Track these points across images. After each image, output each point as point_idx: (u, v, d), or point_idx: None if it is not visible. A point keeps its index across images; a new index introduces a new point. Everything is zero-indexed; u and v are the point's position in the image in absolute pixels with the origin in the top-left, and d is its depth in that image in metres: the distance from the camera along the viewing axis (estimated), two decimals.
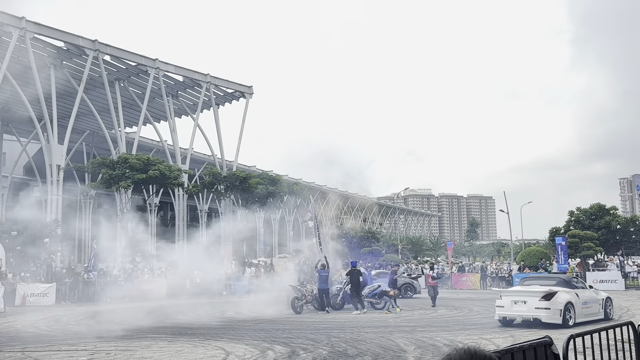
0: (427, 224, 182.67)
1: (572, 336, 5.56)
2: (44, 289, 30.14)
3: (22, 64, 44.30)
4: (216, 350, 13.09)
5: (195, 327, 18.15)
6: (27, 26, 40.66)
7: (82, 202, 49.15)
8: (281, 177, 53.34)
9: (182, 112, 59.69)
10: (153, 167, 43.19)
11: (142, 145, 56.32)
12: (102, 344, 14.48)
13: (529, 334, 14.00)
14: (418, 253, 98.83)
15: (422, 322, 18.60)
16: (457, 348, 1.88)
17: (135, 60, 49.54)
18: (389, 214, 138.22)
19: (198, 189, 53.13)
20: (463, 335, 14.70)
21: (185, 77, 54.77)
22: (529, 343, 4.56)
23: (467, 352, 1.84)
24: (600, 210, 46.15)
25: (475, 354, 1.83)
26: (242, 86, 59.55)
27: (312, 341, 14.28)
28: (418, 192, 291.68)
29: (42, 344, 14.80)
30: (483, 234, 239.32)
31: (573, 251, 42.02)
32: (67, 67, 47.04)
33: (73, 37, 44.20)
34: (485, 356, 1.83)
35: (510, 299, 16.75)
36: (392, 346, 13.14)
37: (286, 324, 18.87)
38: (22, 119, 52.14)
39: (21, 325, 19.53)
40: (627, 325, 6.63)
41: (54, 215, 40.69)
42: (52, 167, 43.17)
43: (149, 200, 54.24)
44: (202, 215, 64.68)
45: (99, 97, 50.15)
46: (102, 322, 20.49)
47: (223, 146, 59.53)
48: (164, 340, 15.08)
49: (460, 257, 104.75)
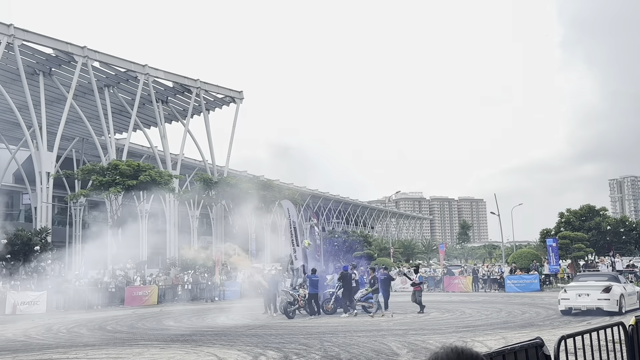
0: (419, 227, 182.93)
1: (564, 337, 5.58)
2: (35, 297, 29.93)
3: (10, 71, 44.10)
4: (208, 356, 13.04)
5: (188, 334, 18.09)
6: (16, 33, 40.48)
7: (72, 210, 48.95)
8: (272, 182, 53.28)
9: (172, 118, 59.54)
10: (144, 172, 43.04)
11: (132, 151, 56.11)
12: (94, 352, 14.40)
13: (521, 335, 14.04)
14: (410, 256, 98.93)
15: (414, 325, 18.61)
16: (444, 346, 1.87)
17: (124, 67, 49.40)
18: (381, 217, 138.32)
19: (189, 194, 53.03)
20: (455, 338, 14.72)
21: (175, 83, 54.66)
22: (520, 345, 4.58)
23: (454, 350, 1.84)
24: (590, 212, 46.44)
25: (462, 352, 1.83)
26: (232, 91, 59.50)
27: (304, 346, 14.25)
28: (409, 195, 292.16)
29: (34, 352, 14.70)
30: (474, 237, 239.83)
31: (564, 252, 42.24)
32: (56, 74, 46.83)
33: (62, 44, 44.02)
34: (472, 355, 1.83)
35: (575, 292, 19.88)
36: (384, 349, 13.14)
37: (279, 329, 18.84)
38: (11, 126, 51.88)
39: (12, 334, 19.38)
40: (617, 325, 6.66)
41: (44, 223, 40.43)
42: (41, 175, 42.92)
43: (140, 207, 54.00)
44: (192, 220, 64.49)
45: (88, 103, 49.96)
46: (94, 329, 20.38)
47: (214, 151, 59.50)
48: (155, 347, 15.01)
49: (452, 260, 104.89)
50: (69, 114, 45.97)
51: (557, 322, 18.21)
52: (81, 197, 47.95)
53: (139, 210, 52.39)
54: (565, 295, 20.16)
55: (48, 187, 42.99)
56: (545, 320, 18.97)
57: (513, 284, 36.84)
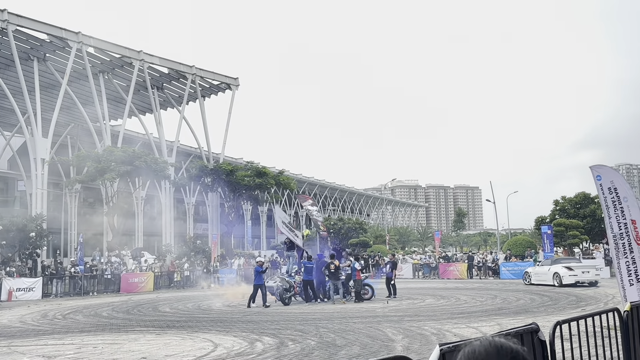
0: (415, 215, 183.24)
1: (559, 323, 5.58)
2: (30, 284, 29.95)
3: (4, 57, 43.77)
4: (204, 342, 13.06)
5: (184, 320, 18.12)
6: (10, 18, 40.11)
7: (67, 196, 48.83)
8: (267, 169, 53.17)
9: (168, 105, 59.28)
10: (139, 159, 42.92)
11: (128, 138, 55.83)
12: (89, 338, 14.40)
13: (516, 321, 14.10)
14: (406, 244, 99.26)
15: (409, 311, 18.68)
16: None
17: (119, 53, 49.08)
18: (377, 205, 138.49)
19: (185, 181, 52.94)
20: (450, 324, 14.77)
21: (171, 69, 54.36)
22: (515, 330, 4.58)
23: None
24: (585, 199, 46.49)
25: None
26: (228, 78, 59.23)
27: (300, 332, 14.29)
28: (405, 183, 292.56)
29: (29, 338, 14.71)
30: (470, 224, 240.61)
31: (559, 240, 42.35)
32: (51, 60, 46.51)
33: (56, 29, 43.66)
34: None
35: (580, 270, 27.66)
36: (380, 336, 13.18)
37: (274, 315, 18.87)
38: (5, 112, 51.57)
39: (7, 320, 19.39)
40: (613, 311, 6.68)
41: (39, 209, 40.34)
42: (36, 161, 42.74)
43: (135, 194, 53.93)
44: (189, 208, 64.50)
45: (83, 89, 49.65)
46: (89, 316, 20.39)
47: (209, 138, 59.33)
48: (151, 333, 15.03)
49: (448, 247, 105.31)
50: (64, 100, 45.70)
51: (551, 308, 18.30)
52: (76, 184, 47.83)
53: (134, 197, 52.32)
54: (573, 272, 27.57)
55: (43, 174, 42.83)
56: (540, 306, 19.06)
57: (508, 271, 37.00)
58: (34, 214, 38.66)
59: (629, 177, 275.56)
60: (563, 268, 27.80)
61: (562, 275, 27.47)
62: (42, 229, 36.67)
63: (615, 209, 10.17)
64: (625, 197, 10.15)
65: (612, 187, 10.24)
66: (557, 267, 28.27)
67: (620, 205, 10.14)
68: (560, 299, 21.46)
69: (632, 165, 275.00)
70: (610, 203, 10.22)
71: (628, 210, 10.09)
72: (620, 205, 10.14)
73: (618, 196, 10.17)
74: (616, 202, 10.17)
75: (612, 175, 10.42)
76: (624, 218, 10.07)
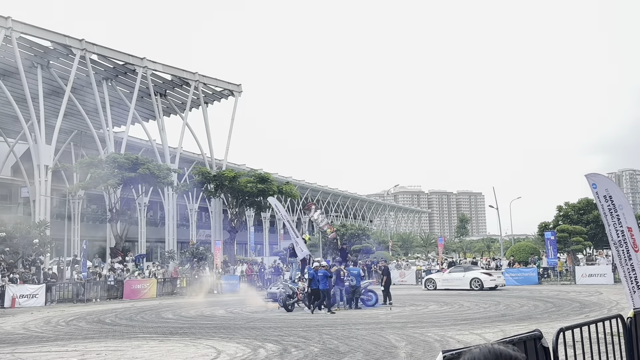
0: (417, 221, 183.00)
1: (562, 329, 5.58)
2: (34, 290, 29.96)
3: (8, 64, 43.93)
4: (207, 349, 13.05)
5: (187, 327, 18.11)
6: (14, 26, 40.28)
7: (70, 203, 48.89)
8: (270, 175, 53.21)
9: (171, 111, 59.38)
10: (142, 166, 42.98)
11: (131, 144, 55.92)
12: (93, 345, 14.41)
13: (519, 328, 14.07)
14: (409, 250, 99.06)
15: (413, 318, 18.65)
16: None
17: (122, 60, 49.21)
18: (379, 210, 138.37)
19: (188, 187, 52.97)
20: (454, 331, 14.74)
21: (174, 76, 54.48)
22: (518, 337, 4.58)
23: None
24: (589, 205, 46.32)
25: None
26: (231, 84, 59.33)
27: (303, 339, 14.28)
28: (408, 189, 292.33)
29: (33, 345, 14.72)
30: (473, 230, 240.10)
31: (562, 246, 42.23)
32: (54, 67, 46.67)
33: (60, 37, 43.84)
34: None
35: (496, 275, 34.21)
36: (383, 342, 13.16)
37: (277, 322, 18.86)
38: (9, 119, 51.71)
39: (11, 327, 19.40)
40: (616, 318, 6.67)
41: (42, 216, 40.40)
42: (40, 168, 42.83)
43: (138, 200, 53.99)
44: (192, 214, 64.55)
45: (86, 96, 49.79)
46: (93, 322, 20.40)
47: (212, 145, 59.37)
48: (154, 340, 15.03)
49: (451, 253, 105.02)
50: (67, 107, 45.82)
51: (555, 314, 18.26)
52: (79, 190, 47.88)
53: (137, 204, 52.35)
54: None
55: (46, 180, 42.91)
56: (543, 313, 19.01)
57: (511, 277, 36.92)
58: (37, 221, 38.71)
59: (632, 183, 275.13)
60: (483, 274, 33.11)
61: (483, 280, 32.14)
62: (45, 235, 36.71)
63: (612, 217, 10.18)
64: (620, 204, 10.17)
65: (607, 195, 10.25)
66: (476, 273, 33.16)
67: (617, 213, 10.15)
68: (564, 305, 21.41)
69: (636, 170, 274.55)
70: (607, 211, 10.23)
71: (624, 218, 10.09)
72: (617, 213, 10.15)
73: (613, 204, 10.19)
74: (612, 209, 10.18)
75: (606, 183, 10.43)
76: (621, 226, 10.08)
